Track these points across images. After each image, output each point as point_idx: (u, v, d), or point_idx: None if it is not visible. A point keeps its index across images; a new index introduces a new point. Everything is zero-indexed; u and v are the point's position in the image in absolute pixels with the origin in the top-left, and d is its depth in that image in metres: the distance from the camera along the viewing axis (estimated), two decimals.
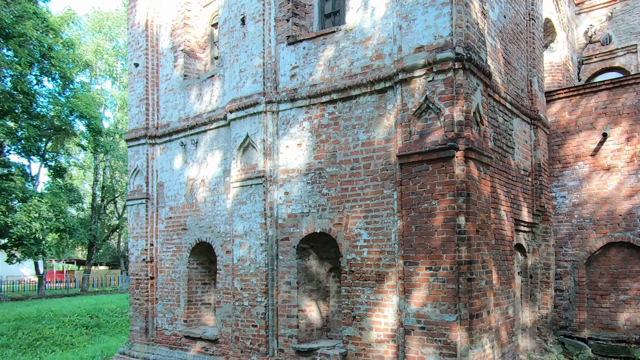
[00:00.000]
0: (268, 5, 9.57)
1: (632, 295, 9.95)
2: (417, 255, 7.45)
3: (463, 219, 7.19)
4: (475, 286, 7.30)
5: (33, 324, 15.99)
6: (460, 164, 7.23)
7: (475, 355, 7.14)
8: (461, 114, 7.31)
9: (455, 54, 7.25)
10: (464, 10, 7.45)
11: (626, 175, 10.06)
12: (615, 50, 13.47)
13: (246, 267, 9.35)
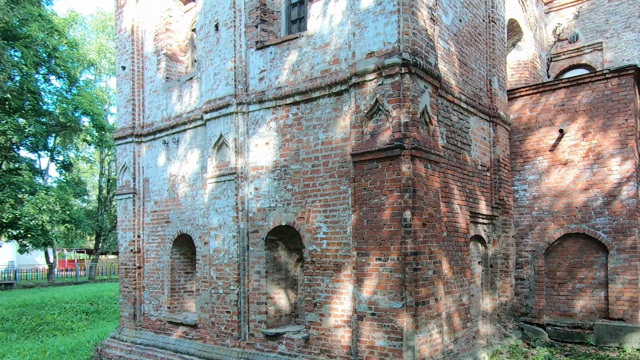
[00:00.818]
0: (239, 12, 9.97)
1: (587, 284, 10.30)
2: (368, 247, 7.89)
3: (409, 214, 7.61)
4: (421, 275, 7.73)
5: (37, 310, 16.77)
6: (407, 162, 7.63)
7: (420, 339, 7.59)
8: (407, 116, 7.70)
9: (402, 59, 7.62)
10: (410, 18, 7.82)
11: (582, 170, 10.38)
12: (582, 47, 13.69)
13: (221, 258, 9.86)
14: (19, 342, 13.73)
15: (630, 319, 9.70)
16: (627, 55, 12.98)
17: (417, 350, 7.49)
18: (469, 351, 8.99)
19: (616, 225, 9.91)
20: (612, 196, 9.98)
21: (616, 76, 10.05)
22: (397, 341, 7.47)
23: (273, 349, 9.05)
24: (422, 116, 8.01)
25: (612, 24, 13.10)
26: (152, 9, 12.10)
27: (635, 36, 12.89)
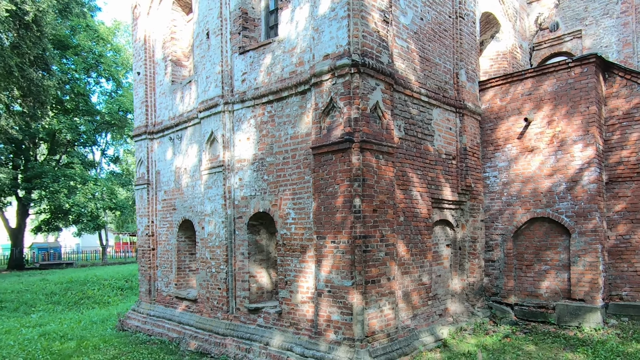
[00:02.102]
0: (225, 21, 10.45)
1: (552, 266, 10.21)
2: (325, 231, 8.26)
3: (359, 201, 7.91)
4: (371, 257, 8.02)
5: (80, 285, 18.19)
6: (356, 154, 7.92)
7: (370, 314, 7.91)
8: (357, 112, 7.96)
9: (352, 60, 7.88)
10: (360, 22, 8.05)
11: (547, 156, 10.24)
12: (563, 36, 13.24)
13: (213, 240, 10.50)
14: (63, 313, 15.07)
15: (590, 300, 9.58)
16: (605, 42, 12.49)
17: (366, 324, 7.82)
18: (428, 327, 9.20)
19: (578, 210, 9.77)
20: (574, 181, 9.83)
21: (579, 65, 9.82)
22: (348, 315, 7.83)
23: (253, 321, 9.63)
24: (373, 111, 8.24)
25: (591, 12, 12.61)
26: (160, 20, 12.78)
27: (613, 22, 12.37)
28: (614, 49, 12.37)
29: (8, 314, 14.82)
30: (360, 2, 8.07)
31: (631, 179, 9.82)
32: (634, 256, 9.77)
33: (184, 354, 10.05)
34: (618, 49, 12.31)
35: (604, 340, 8.64)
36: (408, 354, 8.27)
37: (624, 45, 12.23)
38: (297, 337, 8.68)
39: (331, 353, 7.90)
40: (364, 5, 8.12)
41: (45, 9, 17.22)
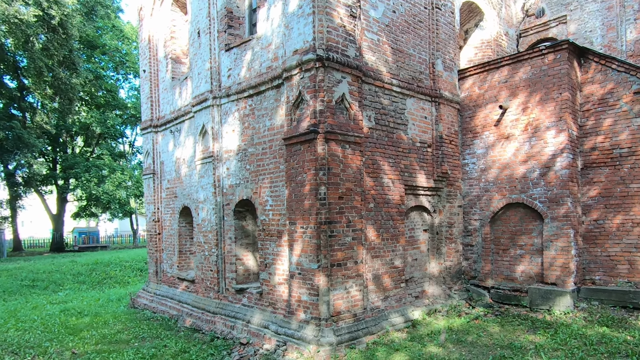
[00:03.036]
0: (213, 20, 10.64)
1: (527, 250, 10.03)
2: (295, 217, 8.42)
3: (324, 188, 8.02)
4: (337, 241, 8.13)
5: (104, 267, 19.05)
6: (321, 144, 8.00)
7: (335, 295, 8.04)
8: (322, 104, 8.03)
9: (317, 55, 7.93)
10: (325, 18, 8.07)
11: (522, 143, 10.00)
12: (548, 22, 12.71)
13: (206, 226, 10.84)
14: (86, 292, 15.87)
15: (562, 284, 9.39)
16: (589, 26, 11.93)
17: (332, 305, 7.97)
18: (399, 308, 9.24)
19: (550, 195, 9.54)
20: (547, 167, 9.58)
21: (552, 52, 9.50)
22: (315, 296, 7.99)
23: (239, 301, 9.93)
24: (340, 103, 8.28)
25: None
26: (161, 20, 13.09)
27: (597, 6, 11.80)
28: (598, 33, 11.83)
29: (39, 291, 15.76)
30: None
31: (605, 165, 9.49)
32: (607, 241, 9.48)
33: (179, 329, 10.49)
34: (602, 33, 11.77)
35: (569, 324, 8.48)
36: (374, 333, 8.38)
37: (608, 29, 11.67)
38: (274, 315, 8.93)
39: (300, 331, 8.10)
40: (329, 1, 8.12)
41: (70, 13, 17.90)
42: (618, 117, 9.32)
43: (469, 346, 7.74)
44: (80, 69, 20.47)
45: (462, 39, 12.52)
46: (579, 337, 7.67)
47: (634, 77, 9.10)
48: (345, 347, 7.77)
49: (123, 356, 8.64)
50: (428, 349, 7.70)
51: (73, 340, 9.78)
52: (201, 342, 9.39)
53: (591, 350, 7.06)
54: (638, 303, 8.74)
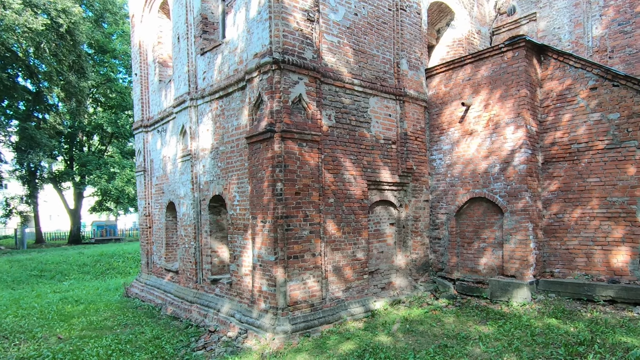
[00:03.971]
0: (190, 26, 10.83)
1: (489, 243, 9.96)
2: (256, 212, 8.58)
3: (281, 185, 8.14)
4: (293, 235, 8.25)
5: (108, 258, 19.58)
6: (278, 143, 8.12)
7: (292, 286, 8.17)
8: (279, 104, 8.14)
9: (273, 58, 8.05)
10: (281, 22, 8.17)
11: (484, 139, 9.90)
12: (519, 19, 12.44)
13: (186, 220, 11.09)
14: (89, 281, 16.38)
15: (520, 276, 9.31)
16: (558, 23, 11.65)
17: (288, 295, 8.11)
18: (359, 299, 9.29)
19: (510, 190, 9.44)
20: (507, 163, 9.48)
21: (510, 49, 9.37)
22: (273, 287, 8.14)
23: (212, 291, 10.16)
24: (297, 103, 8.38)
25: None
26: (150, 27, 13.35)
27: (565, 3, 11.49)
28: (566, 30, 11.55)
29: (45, 281, 16.36)
30: (281, 5, 8.17)
31: (564, 159, 9.34)
32: (566, 234, 9.34)
33: (161, 317, 10.78)
34: (570, 30, 11.49)
35: (521, 315, 8.42)
36: (332, 323, 8.48)
37: (575, 25, 11.38)
38: (240, 305, 9.12)
39: (259, 320, 8.27)
40: (285, 7, 8.21)
41: (77, 21, 18.40)
42: (576, 113, 9.16)
43: (418, 336, 7.78)
44: (89, 73, 21.10)
45: (435, 37, 12.41)
46: (524, 328, 7.63)
47: (590, 73, 8.91)
48: (299, 335, 7.91)
49: (102, 341, 8.93)
50: (378, 338, 7.77)
51: (62, 326, 10.16)
52: (176, 329, 9.65)
53: (530, 340, 7.02)
54: (592, 295, 8.61)
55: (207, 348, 8.31)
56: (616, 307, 8.34)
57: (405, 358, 6.74)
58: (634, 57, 10.34)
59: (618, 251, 8.68)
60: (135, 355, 8.09)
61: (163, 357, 8.01)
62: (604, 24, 10.80)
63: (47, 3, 16.84)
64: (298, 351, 7.36)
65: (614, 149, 8.68)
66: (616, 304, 8.38)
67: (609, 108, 8.70)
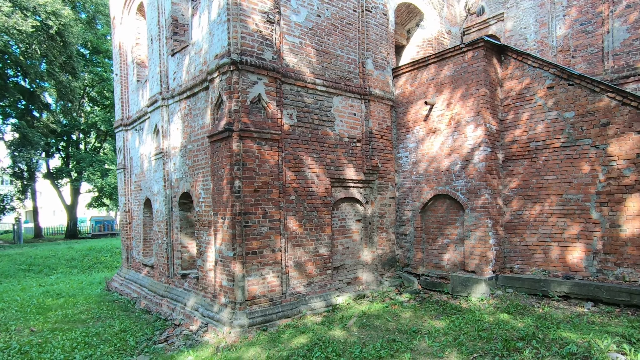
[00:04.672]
0: (162, 27, 10.80)
1: (452, 240, 9.91)
2: (217, 209, 8.57)
3: (239, 182, 8.13)
4: (252, 231, 8.24)
5: (96, 253, 19.65)
6: (236, 142, 8.10)
7: (250, 281, 8.16)
8: (237, 104, 8.12)
9: (231, 59, 8.01)
10: (239, 24, 8.13)
11: (446, 137, 9.84)
12: (488, 19, 12.32)
13: (159, 216, 11.10)
14: (75, 275, 16.43)
15: (480, 272, 9.27)
16: (524, 23, 11.52)
17: (247, 290, 8.11)
18: (321, 294, 9.28)
19: (470, 187, 9.39)
20: (467, 160, 9.42)
21: (470, 49, 9.30)
22: (232, 282, 8.14)
23: (182, 285, 10.18)
24: (257, 103, 8.35)
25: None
26: (129, 28, 13.33)
27: (531, 4, 11.36)
28: (532, 29, 11.42)
29: (33, 275, 16.45)
30: (239, 7, 8.13)
31: (523, 157, 9.27)
32: (526, 231, 9.29)
33: (134, 311, 10.81)
34: (535, 30, 11.36)
35: (477, 310, 8.38)
36: (290, 317, 8.48)
37: (541, 25, 11.25)
38: (204, 299, 9.13)
39: (219, 314, 8.28)
40: (243, 9, 8.17)
41: (67, 23, 18.42)
42: (534, 111, 9.08)
43: (372, 330, 7.76)
44: (80, 73, 21.14)
45: (405, 38, 12.32)
46: (474, 323, 7.59)
47: (547, 72, 8.83)
48: (256, 329, 7.91)
49: (71, 334, 8.98)
50: (332, 332, 7.76)
51: (38, 319, 10.22)
52: (145, 322, 9.67)
53: (475, 335, 6.99)
54: (547, 291, 8.56)
55: (169, 341, 8.34)
56: (569, 302, 8.30)
57: (351, 352, 6.72)
58: (595, 57, 10.24)
59: (574, 247, 8.63)
60: (99, 348, 8.12)
61: (125, 350, 8.04)
62: (567, 23, 10.68)
63: (37, 5, 16.86)
64: (252, 345, 7.36)
65: (569, 147, 8.61)
66: (570, 300, 8.33)
67: (565, 107, 8.62)
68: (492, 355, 6.11)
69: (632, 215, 7.87)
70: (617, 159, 8.01)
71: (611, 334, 6.42)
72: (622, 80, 9.77)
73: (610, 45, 9.98)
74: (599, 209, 8.26)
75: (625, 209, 7.94)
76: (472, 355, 6.17)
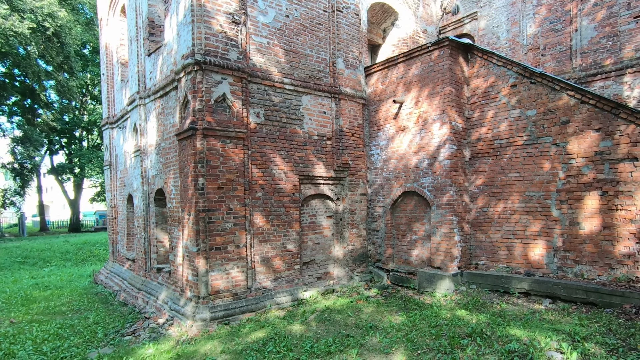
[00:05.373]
0: (140, 29, 10.75)
1: (420, 236, 9.79)
2: (184, 205, 8.53)
3: (202, 180, 8.08)
4: (215, 227, 8.19)
5: (90, 246, 19.76)
6: (200, 140, 8.05)
7: (213, 276, 8.11)
8: (200, 104, 8.05)
9: (195, 59, 7.94)
10: (203, 26, 8.05)
11: (414, 135, 9.70)
12: (463, 18, 12.08)
13: (138, 212, 11.09)
14: (69, 268, 16.52)
15: (445, 268, 9.14)
16: (496, 22, 11.28)
17: (210, 284, 8.08)
18: (288, 289, 9.21)
19: (436, 184, 9.25)
20: (434, 158, 9.28)
21: (436, 48, 9.13)
22: (196, 276, 8.11)
23: (156, 279, 10.18)
24: (222, 102, 8.28)
25: None
26: (114, 29, 13.29)
27: (503, 3, 11.11)
28: (504, 28, 11.18)
29: (28, 267, 16.59)
30: (203, 9, 8.06)
31: (488, 155, 9.11)
32: (491, 228, 9.14)
33: (113, 303, 10.84)
34: (507, 28, 11.12)
35: (438, 306, 8.26)
36: (254, 311, 8.43)
37: (512, 24, 11.01)
38: (174, 293, 9.12)
39: (184, 307, 8.26)
40: (207, 10, 8.09)
41: (64, 24, 18.46)
42: (499, 110, 8.90)
43: (330, 325, 7.68)
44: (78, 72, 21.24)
45: (381, 37, 12.15)
46: (429, 319, 7.47)
47: (511, 70, 8.64)
48: (218, 323, 7.88)
49: (47, 325, 9.02)
50: (292, 326, 7.69)
51: (20, 311, 10.29)
52: (119, 315, 9.69)
53: (426, 332, 6.88)
54: (508, 288, 8.42)
55: (136, 334, 8.33)
56: (529, 299, 8.15)
57: (303, 347, 6.66)
58: (564, 55, 10.00)
59: (535, 245, 8.47)
60: (69, 340, 8.14)
61: (92, 342, 8.04)
62: (537, 22, 10.44)
63: (34, 8, 16.93)
64: (210, 338, 7.33)
65: (531, 145, 8.43)
66: (530, 297, 8.18)
67: (527, 105, 8.44)
68: (436, 352, 6.00)
69: (590, 213, 7.70)
70: (577, 157, 7.83)
71: (558, 332, 6.29)
72: (589, 78, 9.55)
73: (578, 43, 9.74)
74: (559, 207, 8.09)
75: (584, 207, 7.77)
76: (417, 352, 6.07)
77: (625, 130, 7.26)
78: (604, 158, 7.50)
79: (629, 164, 7.24)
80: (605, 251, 7.54)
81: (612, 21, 9.23)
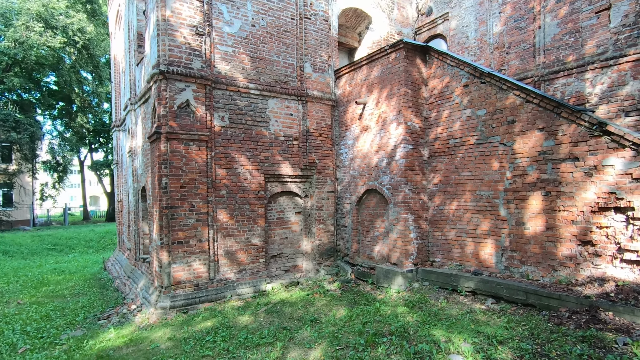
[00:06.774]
0: (131, 41, 11.08)
1: (381, 232, 9.53)
2: (153, 202, 8.73)
3: (166, 179, 8.23)
4: (178, 223, 8.34)
5: (112, 235, 20.56)
6: (164, 143, 8.20)
7: (175, 268, 8.26)
8: (164, 110, 8.20)
9: (159, 70, 8.10)
10: (167, 38, 8.18)
11: (375, 134, 9.42)
12: (436, 19, 11.49)
13: (131, 206, 11.51)
14: (90, 255, 17.36)
15: (400, 265, 8.86)
16: (466, 22, 10.66)
17: (172, 275, 8.24)
18: (251, 281, 9.22)
19: (393, 183, 8.96)
20: (391, 157, 8.99)
21: (393, 51, 8.81)
22: (160, 268, 8.33)
23: (141, 268, 10.52)
24: (184, 108, 8.39)
25: None
26: (119, 42, 13.75)
27: (472, 2, 10.47)
28: (472, 27, 10.57)
29: (55, 253, 17.56)
30: (167, 23, 8.18)
31: (444, 154, 8.72)
32: (446, 226, 8.76)
33: (109, 289, 11.31)
34: (475, 28, 10.50)
35: (383, 302, 8.02)
36: (214, 301, 8.53)
37: (480, 23, 10.38)
38: (148, 281, 9.38)
39: (151, 296, 8.49)
40: (171, 24, 8.21)
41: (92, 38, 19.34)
42: (453, 109, 8.49)
43: (276, 317, 7.65)
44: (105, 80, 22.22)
45: (357, 40, 11.85)
46: (367, 315, 7.28)
47: (463, 71, 8.20)
48: (177, 311, 8.03)
49: (45, 307, 9.52)
50: (241, 317, 7.72)
51: (30, 293, 10.90)
52: (107, 300, 10.08)
53: (355, 327, 6.70)
54: (457, 286, 8.06)
55: (109, 319, 8.64)
56: (475, 298, 7.76)
57: (238, 338, 6.66)
58: (527, 52, 9.35)
59: (485, 244, 8.05)
60: (55, 321, 8.54)
61: (72, 324, 8.41)
62: (503, 20, 9.81)
63: (65, 25, 17.84)
64: (165, 326, 7.48)
65: (481, 144, 7.99)
66: (476, 295, 7.79)
67: (478, 104, 7.99)
68: (352, 349, 5.85)
69: (535, 213, 7.21)
70: (522, 157, 7.34)
71: (479, 334, 5.96)
72: (552, 76, 8.90)
73: (541, 40, 9.08)
74: (506, 206, 7.64)
75: (529, 207, 7.29)
76: (335, 348, 5.94)
77: (567, 129, 6.73)
78: (547, 158, 6.99)
79: (570, 164, 6.71)
80: (549, 252, 7.05)
81: (575, 17, 8.54)
